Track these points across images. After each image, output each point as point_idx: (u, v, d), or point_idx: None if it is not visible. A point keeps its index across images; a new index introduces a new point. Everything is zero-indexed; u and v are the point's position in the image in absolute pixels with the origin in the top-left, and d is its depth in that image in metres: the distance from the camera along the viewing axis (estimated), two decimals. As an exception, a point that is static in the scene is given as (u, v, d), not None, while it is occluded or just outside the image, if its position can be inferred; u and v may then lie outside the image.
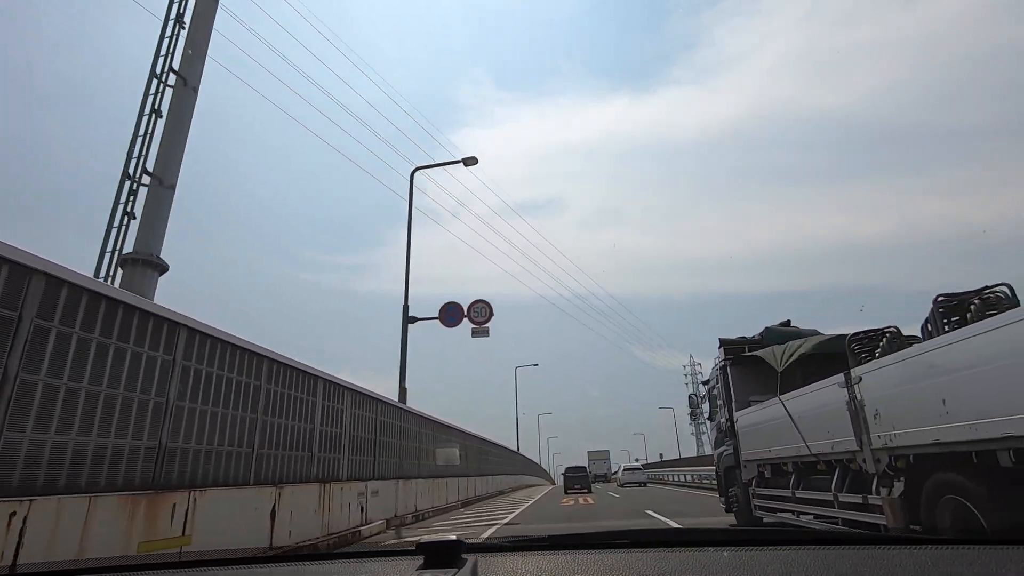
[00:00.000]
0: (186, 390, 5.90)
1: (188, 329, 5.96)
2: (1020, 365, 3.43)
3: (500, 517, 13.57)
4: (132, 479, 5.08)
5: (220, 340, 6.55)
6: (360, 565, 1.26)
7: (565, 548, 1.32)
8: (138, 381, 5.25)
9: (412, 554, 1.27)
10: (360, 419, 10.97)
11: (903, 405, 4.63)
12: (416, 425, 15.30)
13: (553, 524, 11.50)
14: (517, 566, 1.16)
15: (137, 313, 5.33)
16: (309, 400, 8.77)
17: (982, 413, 3.71)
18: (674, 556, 1.19)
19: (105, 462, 4.82)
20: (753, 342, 9.22)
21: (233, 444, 6.61)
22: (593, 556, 1.20)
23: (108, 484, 4.82)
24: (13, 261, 4.21)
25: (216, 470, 6.28)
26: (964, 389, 3.89)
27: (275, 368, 7.75)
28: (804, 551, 1.17)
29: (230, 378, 6.67)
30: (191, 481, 5.84)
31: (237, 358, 6.86)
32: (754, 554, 1.15)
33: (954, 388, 3.98)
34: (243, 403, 6.90)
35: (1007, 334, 3.53)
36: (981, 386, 3.73)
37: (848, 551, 1.18)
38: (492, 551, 1.33)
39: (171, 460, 5.58)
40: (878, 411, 4.96)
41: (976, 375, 3.78)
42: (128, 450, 5.08)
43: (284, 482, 7.65)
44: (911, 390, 4.50)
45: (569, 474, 29.19)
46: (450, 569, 1.05)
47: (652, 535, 1.38)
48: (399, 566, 1.18)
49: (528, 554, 1.28)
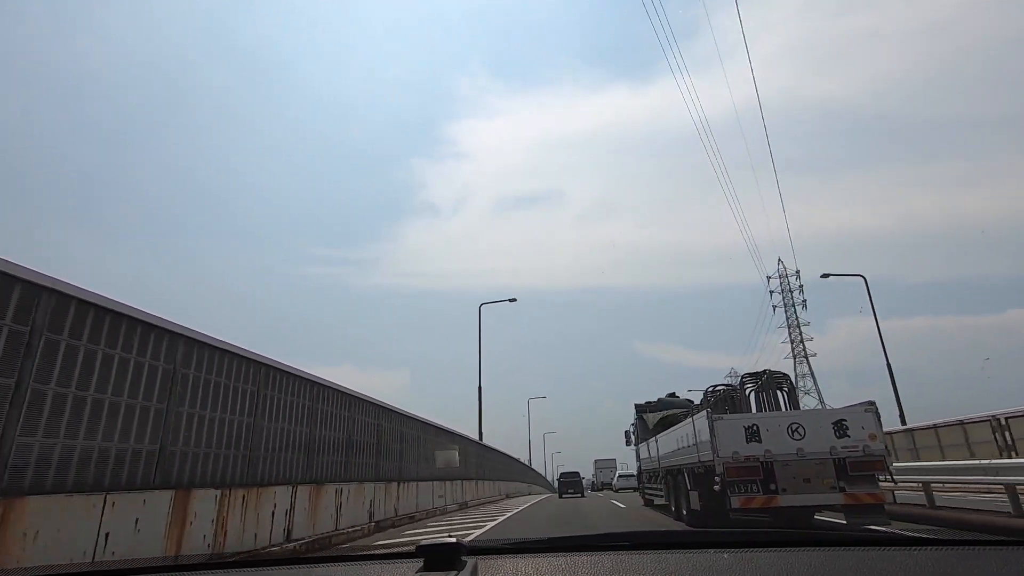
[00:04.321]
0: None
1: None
2: (688, 438, 10.23)
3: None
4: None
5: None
6: (360, 568, 1.26)
7: (565, 550, 1.32)
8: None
9: (412, 556, 1.26)
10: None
11: (671, 448, 12.23)
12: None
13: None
14: (517, 568, 1.16)
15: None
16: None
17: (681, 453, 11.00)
18: (674, 558, 1.20)
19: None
20: (653, 405, 16.90)
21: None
22: (593, 558, 1.21)
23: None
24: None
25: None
26: (680, 445, 11.21)
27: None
28: (804, 552, 1.18)
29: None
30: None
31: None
32: (754, 555, 1.16)
33: (679, 443, 11.22)
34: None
35: (686, 426, 10.64)
36: (684, 444, 10.96)
37: (848, 552, 1.18)
38: (492, 553, 1.32)
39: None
40: (662, 449, 13.39)
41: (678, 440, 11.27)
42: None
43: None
44: (670, 440, 12.46)
45: (563, 479, 30.17)
46: (450, 571, 1.04)
47: (652, 537, 1.39)
48: (399, 569, 1.18)
49: (528, 556, 1.28)
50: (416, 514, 14.09)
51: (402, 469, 13.96)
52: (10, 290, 4.45)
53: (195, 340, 6.61)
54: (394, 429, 13.64)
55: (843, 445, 8.15)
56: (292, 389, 8.87)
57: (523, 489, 40.71)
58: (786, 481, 8.12)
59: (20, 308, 4.49)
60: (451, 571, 1.04)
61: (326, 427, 9.93)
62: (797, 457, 8.19)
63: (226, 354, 7.20)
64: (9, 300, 4.42)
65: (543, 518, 14.10)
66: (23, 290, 4.54)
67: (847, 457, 8.08)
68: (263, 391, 7.98)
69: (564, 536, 1.41)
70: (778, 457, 8.22)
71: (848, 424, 8.27)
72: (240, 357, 7.48)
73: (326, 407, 9.99)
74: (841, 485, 7.98)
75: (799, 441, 8.25)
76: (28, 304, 4.57)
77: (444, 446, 18.19)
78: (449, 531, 10.70)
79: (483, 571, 1.13)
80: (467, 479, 22.12)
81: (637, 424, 17.43)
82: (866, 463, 8.07)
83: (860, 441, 8.15)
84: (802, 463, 8.17)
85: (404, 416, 14.74)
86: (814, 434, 8.27)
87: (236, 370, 7.36)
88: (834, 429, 8.26)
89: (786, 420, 8.54)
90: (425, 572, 1.06)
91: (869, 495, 7.93)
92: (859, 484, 7.99)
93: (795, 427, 8.35)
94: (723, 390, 11.01)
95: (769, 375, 10.38)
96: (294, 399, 8.87)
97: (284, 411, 8.52)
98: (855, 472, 8.01)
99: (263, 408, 7.94)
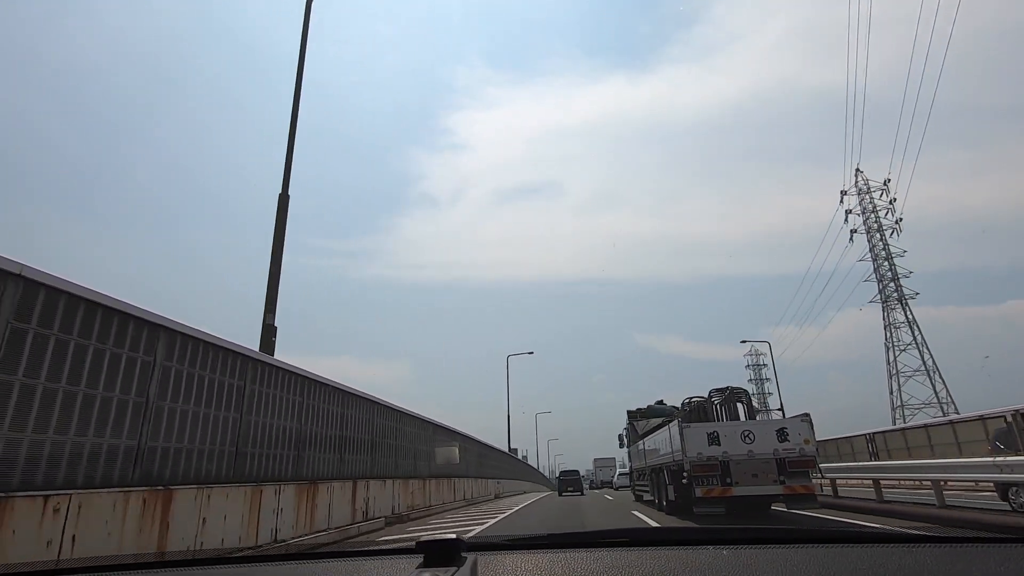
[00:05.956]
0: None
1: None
2: (665, 442, 12.90)
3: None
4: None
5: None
6: (360, 563, 1.27)
7: (564, 546, 1.32)
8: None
9: (412, 553, 1.27)
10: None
11: (654, 450, 14.83)
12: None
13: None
14: (516, 564, 1.17)
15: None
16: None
17: (661, 454, 13.36)
18: (674, 555, 1.20)
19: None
20: (643, 412, 18.88)
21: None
22: (592, 555, 1.21)
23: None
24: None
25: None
26: (660, 447, 13.81)
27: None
28: (804, 550, 1.18)
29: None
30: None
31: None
32: (754, 552, 1.17)
33: (660, 446, 13.86)
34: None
35: (664, 431, 13.30)
36: (663, 447, 13.26)
37: (848, 550, 1.18)
38: (491, 549, 1.33)
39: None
40: (648, 451, 16.04)
41: (659, 444, 13.61)
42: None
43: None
44: (654, 443, 15.10)
45: (563, 477, 32.49)
46: (450, 567, 1.03)
47: (651, 534, 1.40)
48: (399, 564, 1.20)
49: (527, 552, 1.29)
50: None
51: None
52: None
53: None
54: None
55: (784, 448, 10.34)
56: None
57: (526, 487, 42.54)
58: (739, 476, 10.31)
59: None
60: (451, 567, 1.04)
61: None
62: (748, 457, 10.37)
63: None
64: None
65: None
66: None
67: (786, 457, 10.26)
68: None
69: (563, 532, 1.42)
70: (733, 457, 10.40)
71: (788, 431, 10.46)
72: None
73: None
74: (782, 479, 10.16)
75: (750, 444, 10.44)
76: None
77: (444, 443, 18.70)
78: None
79: (483, 567, 1.14)
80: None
81: (629, 429, 19.82)
82: (801, 462, 10.26)
83: (797, 445, 10.33)
84: (752, 462, 10.35)
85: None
86: (762, 439, 10.46)
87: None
88: (777, 435, 10.45)
89: (740, 428, 10.76)
90: (425, 568, 1.05)
91: (803, 487, 10.12)
92: (796, 478, 10.18)
93: (747, 433, 10.55)
94: (697, 401, 13.22)
95: (731, 391, 12.63)
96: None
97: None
98: (792, 469, 10.20)
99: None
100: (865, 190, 54.60)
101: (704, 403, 13.11)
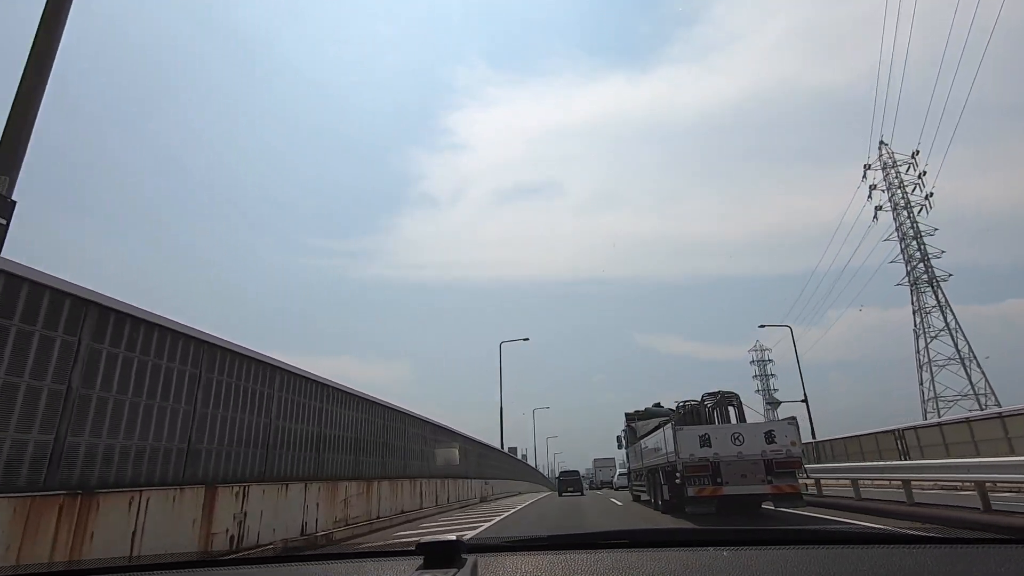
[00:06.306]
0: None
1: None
2: (660, 444, 13.47)
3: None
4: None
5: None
6: (360, 565, 1.28)
7: (564, 548, 1.32)
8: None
9: (412, 554, 1.28)
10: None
11: (650, 452, 15.44)
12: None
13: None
14: (517, 566, 1.17)
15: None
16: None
17: (657, 455, 13.83)
18: (674, 556, 1.21)
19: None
20: (640, 414, 19.59)
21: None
22: (593, 556, 1.22)
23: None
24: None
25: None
26: (656, 449, 14.39)
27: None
28: (804, 551, 1.19)
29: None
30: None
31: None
32: (754, 553, 1.17)
33: (655, 447, 14.53)
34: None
35: (659, 434, 13.93)
36: (658, 449, 13.76)
37: (848, 550, 1.19)
38: (492, 551, 1.34)
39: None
40: (644, 452, 16.76)
41: (654, 445, 14.36)
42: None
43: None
44: (650, 445, 15.65)
45: (563, 478, 33.30)
46: (450, 569, 1.04)
47: (651, 535, 1.41)
48: (399, 566, 1.20)
49: (528, 554, 1.29)
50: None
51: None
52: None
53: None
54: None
55: (771, 449, 11.02)
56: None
57: (526, 487, 43.05)
58: (729, 476, 10.97)
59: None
60: (450, 568, 1.05)
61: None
62: (737, 458, 11.03)
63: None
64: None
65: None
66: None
67: (774, 458, 10.93)
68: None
69: (563, 534, 1.44)
70: (724, 458, 11.06)
71: (775, 434, 11.14)
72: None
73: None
74: (769, 479, 10.82)
75: (739, 446, 11.12)
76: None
77: (443, 444, 18.67)
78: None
79: (483, 568, 1.14)
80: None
81: (627, 431, 20.60)
82: (788, 463, 10.94)
83: (784, 446, 11.01)
84: (741, 462, 11.01)
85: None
86: (750, 441, 11.13)
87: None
88: (765, 437, 11.13)
89: (730, 430, 11.44)
90: (424, 570, 1.06)
91: (789, 486, 10.79)
92: (782, 478, 10.85)
93: (736, 435, 11.24)
94: (690, 405, 13.91)
95: (723, 395, 13.31)
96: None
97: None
98: (779, 469, 10.88)
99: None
100: (891, 164, 49.07)
101: (697, 406, 13.79)
